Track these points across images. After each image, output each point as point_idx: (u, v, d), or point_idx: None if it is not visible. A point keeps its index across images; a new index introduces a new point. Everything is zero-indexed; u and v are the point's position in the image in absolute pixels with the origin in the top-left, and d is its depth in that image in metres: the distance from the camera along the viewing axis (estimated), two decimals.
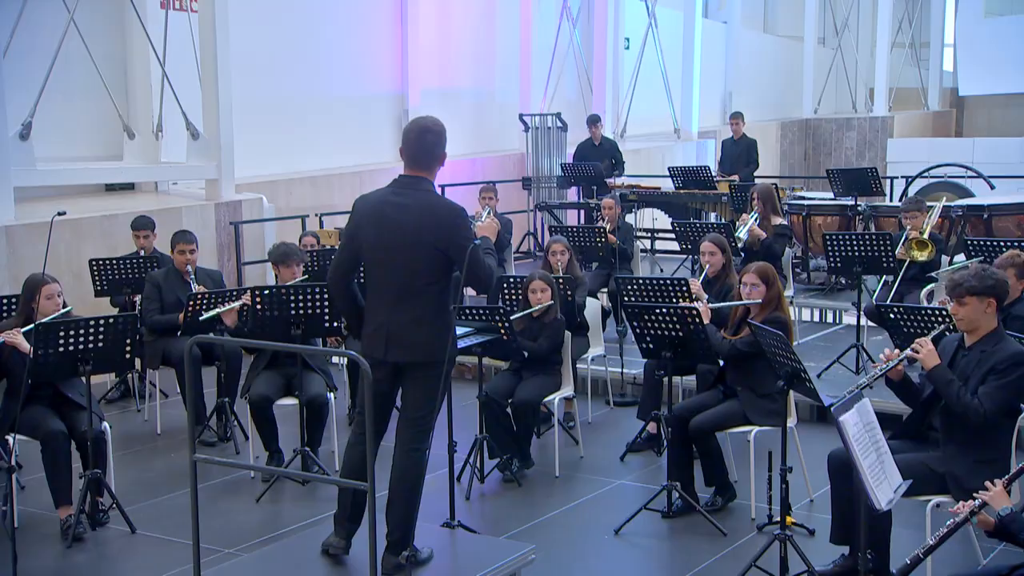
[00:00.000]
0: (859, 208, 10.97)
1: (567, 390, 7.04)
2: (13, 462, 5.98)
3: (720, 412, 6.06)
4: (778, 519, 5.79)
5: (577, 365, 7.76)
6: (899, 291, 8.48)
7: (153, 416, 7.99)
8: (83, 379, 5.80)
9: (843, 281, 10.86)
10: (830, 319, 11.06)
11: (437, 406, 4.68)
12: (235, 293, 7.07)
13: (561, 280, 7.56)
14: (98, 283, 8.54)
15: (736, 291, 6.51)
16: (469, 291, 10.06)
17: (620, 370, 8.46)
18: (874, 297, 8.65)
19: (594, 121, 14.12)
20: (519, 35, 16.82)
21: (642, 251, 13.49)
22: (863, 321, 8.34)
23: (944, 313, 5.77)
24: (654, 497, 6.00)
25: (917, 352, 4.93)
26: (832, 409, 3.87)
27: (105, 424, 6.08)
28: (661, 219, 13.78)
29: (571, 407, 7.79)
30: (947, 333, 5.23)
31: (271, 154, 13.28)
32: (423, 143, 4.63)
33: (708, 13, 23.78)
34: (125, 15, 11.44)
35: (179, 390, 7.73)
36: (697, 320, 5.92)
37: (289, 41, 13.61)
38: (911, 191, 13.80)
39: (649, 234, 13.97)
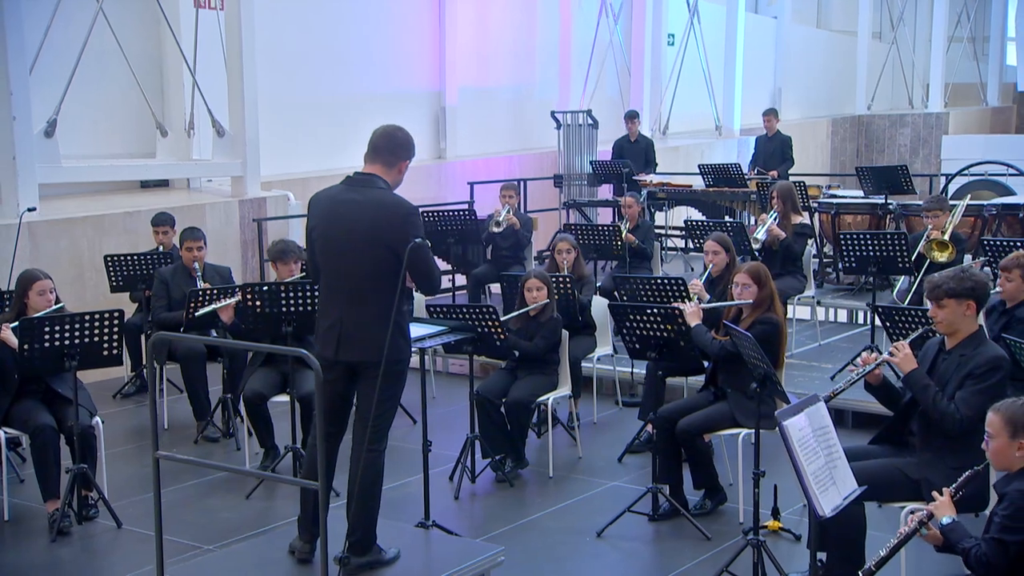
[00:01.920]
0: (890, 207, 10.74)
1: (564, 390, 6.98)
2: (3, 456, 6.08)
3: (708, 414, 5.96)
4: (764, 524, 5.74)
5: (583, 364, 7.73)
6: (919, 292, 8.28)
7: (163, 411, 8.08)
8: (74, 374, 5.90)
9: (872, 281, 10.64)
10: (860, 319, 10.86)
11: (393, 405, 4.63)
12: (232, 290, 7.12)
13: (566, 278, 7.52)
14: (114, 279, 8.65)
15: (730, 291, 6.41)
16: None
17: (630, 370, 8.37)
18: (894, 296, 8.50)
19: (631, 117, 14.01)
20: (559, 32, 16.76)
21: (674, 249, 13.39)
22: (879, 322, 8.16)
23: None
24: (637, 500, 5.92)
25: (894, 356, 4.81)
26: (776, 414, 3.79)
27: (97, 419, 6.15)
28: (695, 217, 13.62)
29: (576, 406, 7.72)
30: (930, 335, 5.10)
31: (305, 152, 13.37)
32: (394, 138, 4.66)
33: (758, 8, 23.55)
34: (165, 15, 11.56)
35: (183, 386, 7.82)
36: (680, 321, 5.83)
37: (327, 39, 13.69)
38: (951, 188, 13.51)
39: (682, 232, 13.82)
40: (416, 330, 5.14)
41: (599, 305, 7.93)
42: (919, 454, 4.84)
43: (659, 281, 7.13)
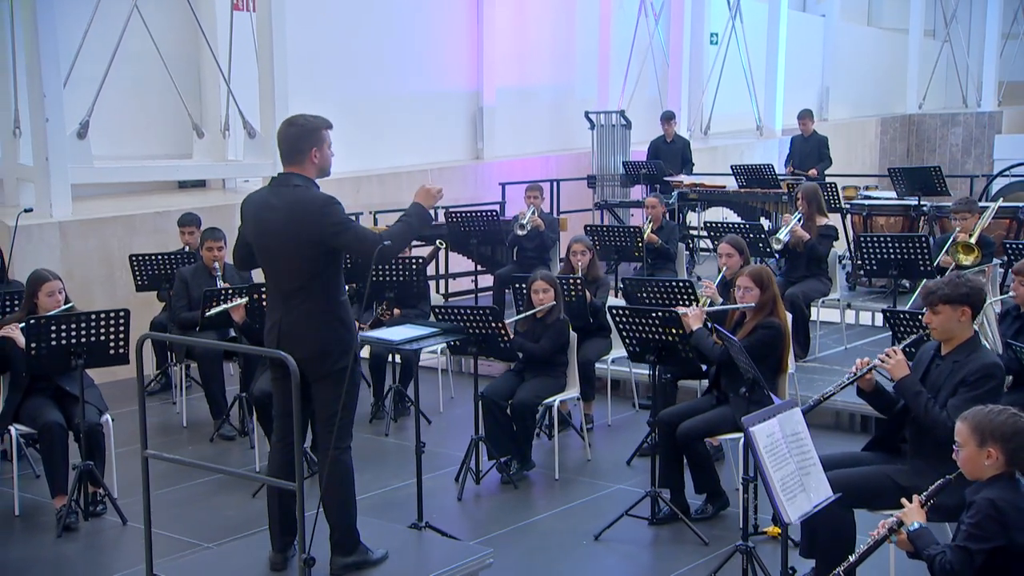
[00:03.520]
0: (923, 208, 10.58)
1: (572, 392, 6.96)
2: (14, 451, 6.22)
3: (709, 418, 5.91)
4: (765, 529, 5.70)
5: (598, 366, 7.72)
6: None
7: (183, 409, 8.19)
8: (84, 372, 6.03)
9: (906, 284, 10.49)
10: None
11: (348, 402, 4.59)
12: (243, 290, 7.20)
13: (577, 280, 7.51)
14: (139, 278, 8.81)
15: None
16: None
17: (648, 372, 8.30)
18: (910, 303, 8.36)
19: (668, 118, 13.92)
20: (598, 32, 16.71)
21: (706, 250, 13.29)
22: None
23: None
24: (636, 504, 5.89)
25: (885, 362, 4.74)
26: (743, 420, 3.75)
27: (106, 416, 6.27)
28: (732, 218, 13.49)
29: (590, 409, 7.72)
30: (925, 340, 5.01)
31: (342, 152, 13.24)
32: (285, 137, 4.58)
33: (806, 7, 23.31)
34: (201, 17, 11.69)
35: (200, 384, 7.94)
36: (677, 327, 5.79)
37: (364, 40, 13.77)
38: (992, 189, 13.28)
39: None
40: (407, 332, 5.16)
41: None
42: (910, 461, 4.76)
43: (667, 284, 7.08)
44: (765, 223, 11.80)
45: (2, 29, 10.03)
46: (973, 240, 8.31)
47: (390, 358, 8.09)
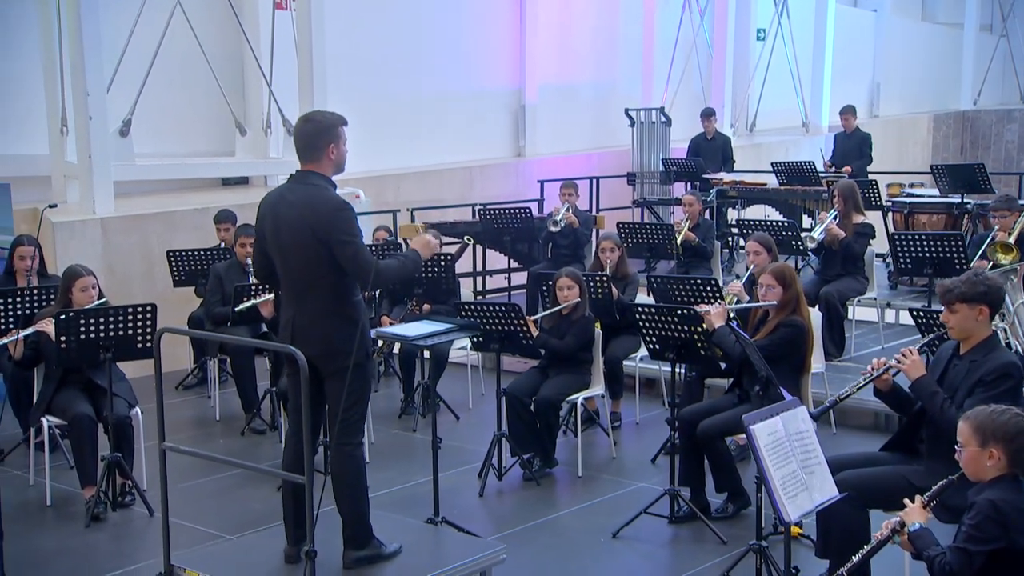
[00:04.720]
0: (967, 206, 10.42)
1: (596, 389, 6.96)
2: (46, 443, 6.35)
3: (728, 417, 5.87)
4: (783, 528, 5.64)
5: (627, 364, 7.70)
6: None
7: (216, 403, 8.30)
8: (116, 366, 6.16)
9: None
10: None
11: (358, 399, 4.62)
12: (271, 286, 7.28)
13: (603, 277, 7.51)
14: (175, 274, 8.96)
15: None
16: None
17: (679, 369, 8.27)
18: None
19: (708, 115, 13.86)
20: (642, 28, 16.67)
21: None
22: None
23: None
24: (653, 502, 5.88)
25: (901, 362, 4.69)
26: (743, 418, 3.74)
27: (136, 410, 6.38)
28: (774, 216, 13.38)
29: (617, 407, 7.71)
30: (942, 340, 4.95)
31: (383, 150, 13.52)
32: (302, 133, 4.60)
33: (857, 2, 23.06)
34: (244, 16, 11.84)
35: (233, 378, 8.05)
36: (697, 325, 5.77)
37: (407, 37, 13.86)
38: None
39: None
40: (423, 327, 5.20)
41: None
42: (926, 462, 4.71)
43: (693, 282, 7.06)
44: (808, 221, 11.72)
45: (50, 29, 10.22)
46: (1012, 239, 8.20)
47: (420, 354, 8.13)
